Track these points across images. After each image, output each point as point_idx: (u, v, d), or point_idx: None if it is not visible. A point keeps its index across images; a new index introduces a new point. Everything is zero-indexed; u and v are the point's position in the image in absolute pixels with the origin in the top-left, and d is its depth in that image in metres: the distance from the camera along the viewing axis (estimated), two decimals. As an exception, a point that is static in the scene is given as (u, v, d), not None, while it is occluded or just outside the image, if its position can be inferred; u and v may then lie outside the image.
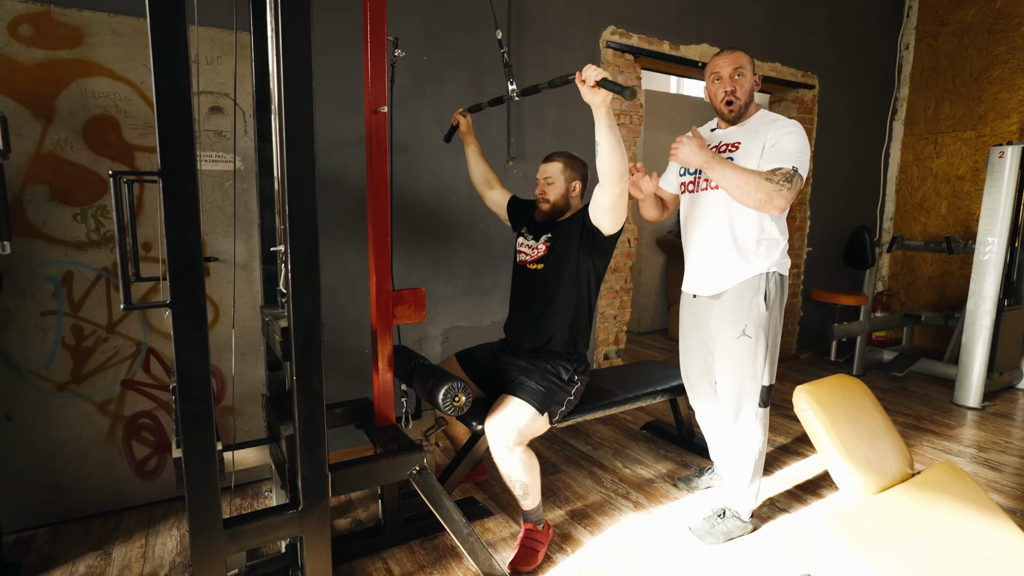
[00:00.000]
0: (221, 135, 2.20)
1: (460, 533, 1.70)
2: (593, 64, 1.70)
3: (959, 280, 4.38)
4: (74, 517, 2.11)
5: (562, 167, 2.06)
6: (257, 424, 2.38)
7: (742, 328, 1.93)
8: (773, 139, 1.85)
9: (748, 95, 1.93)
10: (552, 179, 2.06)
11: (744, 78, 1.91)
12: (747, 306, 1.93)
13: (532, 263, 2.11)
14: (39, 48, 1.91)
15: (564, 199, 2.07)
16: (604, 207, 1.87)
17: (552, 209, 2.07)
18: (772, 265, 1.93)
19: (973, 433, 3.03)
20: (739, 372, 1.95)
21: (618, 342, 3.42)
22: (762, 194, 1.75)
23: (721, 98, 1.94)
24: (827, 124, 4.19)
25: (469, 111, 2.27)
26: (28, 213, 1.95)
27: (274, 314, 1.72)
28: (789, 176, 1.78)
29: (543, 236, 2.10)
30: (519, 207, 2.27)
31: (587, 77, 1.59)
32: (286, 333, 1.41)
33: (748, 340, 1.93)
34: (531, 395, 1.91)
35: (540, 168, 2.11)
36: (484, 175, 2.34)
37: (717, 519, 2.05)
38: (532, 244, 2.13)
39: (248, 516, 1.39)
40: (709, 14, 3.46)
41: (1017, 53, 3.99)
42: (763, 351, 1.94)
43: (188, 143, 1.16)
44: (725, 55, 1.93)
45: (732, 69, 1.91)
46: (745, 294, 1.93)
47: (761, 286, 1.92)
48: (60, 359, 2.04)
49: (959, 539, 1.38)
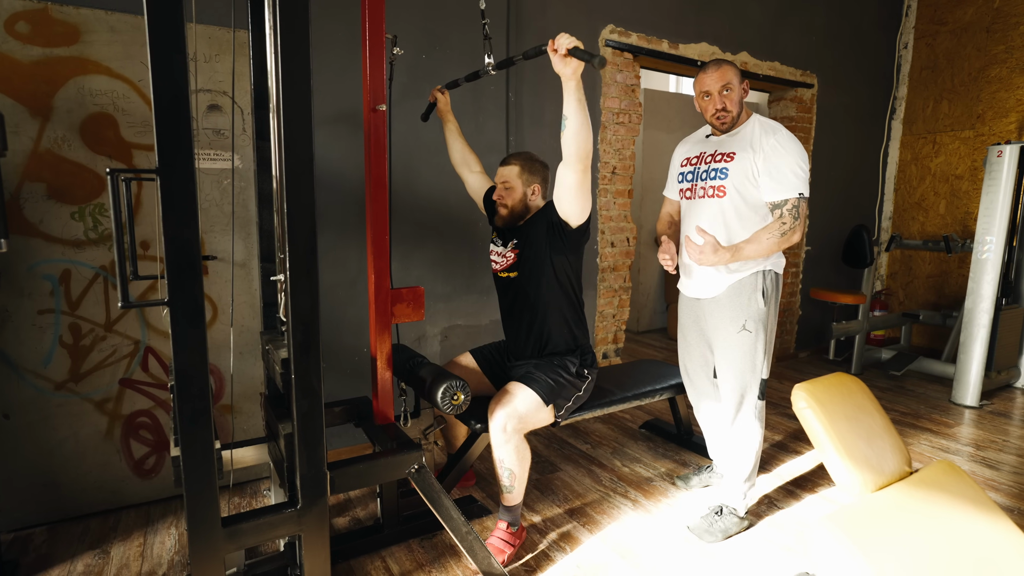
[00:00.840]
0: (219, 133, 2.20)
1: (459, 531, 1.70)
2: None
3: (957, 279, 4.38)
4: (72, 516, 2.10)
5: (519, 170, 2.00)
6: (256, 423, 2.38)
7: (742, 323, 1.96)
8: (769, 157, 1.86)
9: (738, 106, 1.95)
10: (509, 183, 1.99)
11: (733, 92, 1.92)
12: (746, 302, 1.96)
13: (504, 272, 2.07)
14: (36, 46, 1.90)
15: (522, 203, 2.01)
16: (569, 188, 1.79)
17: (510, 215, 2.01)
18: (768, 264, 1.96)
19: (971, 431, 3.03)
20: (740, 366, 1.98)
21: (617, 341, 3.42)
22: (784, 244, 1.86)
23: (712, 114, 1.96)
24: (826, 123, 4.20)
25: (447, 87, 2.21)
26: (25, 211, 1.95)
27: (275, 343, 1.70)
28: (795, 210, 1.84)
29: (510, 242, 2.04)
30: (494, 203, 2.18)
31: (559, 45, 1.54)
32: (287, 364, 1.40)
33: (749, 335, 1.96)
34: (539, 385, 1.91)
35: (497, 172, 2.04)
36: (463, 155, 2.27)
37: (714, 516, 2.05)
38: (501, 251, 2.07)
39: (246, 515, 1.39)
40: (708, 13, 3.46)
41: (1015, 52, 3.99)
42: (762, 345, 1.97)
43: (186, 141, 1.15)
44: (711, 72, 1.93)
45: (720, 86, 1.92)
46: (744, 291, 1.96)
47: (759, 283, 1.95)
48: (58, 358, 2.03)
49: (957, 537, 1.38)
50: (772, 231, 1.84)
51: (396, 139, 2.55)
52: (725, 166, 1.95)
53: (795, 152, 1.86)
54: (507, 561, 1.85)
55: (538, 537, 2.04)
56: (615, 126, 3.18)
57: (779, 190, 1.85)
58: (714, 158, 1.99)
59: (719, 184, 1.95)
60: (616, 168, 3.22)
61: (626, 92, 3.20)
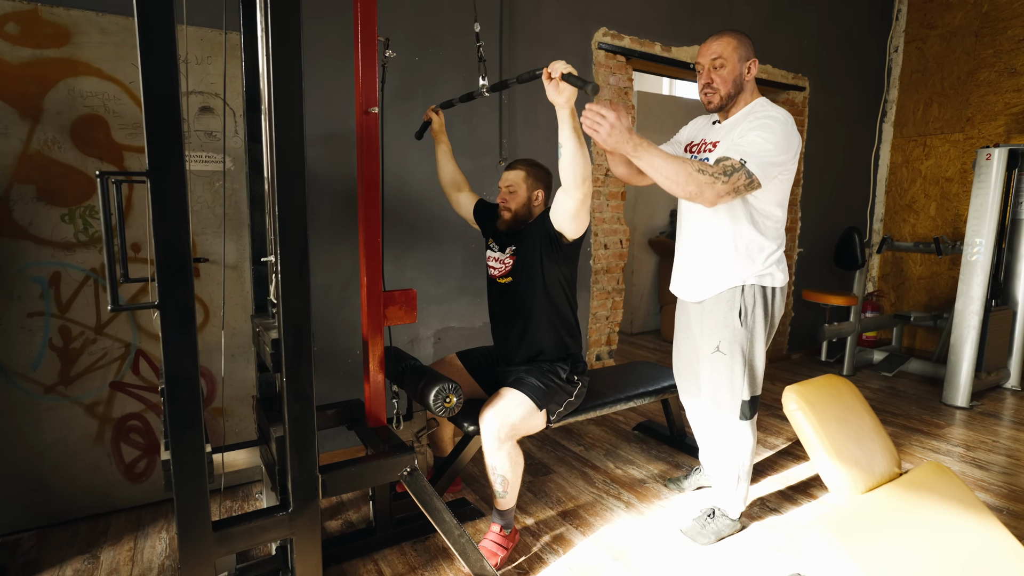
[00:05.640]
0: (211, 135, 2.19)
1: (451, 534, 1.70)
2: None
3: (948, 281, 4.42)
4: (61, 520, 2.09)
5: (524, 175, 2.01)
6: (247, 426, 2.37)
7: (716, 344, 1.88)
8: (743, 130, 1.70)
9: (731, 85, 1.76)
10: (514, 187, 2.00)
11: (725, 68, 1.74)
12: (721, 321, 1.87)
13: (501, 277, 2.07)
14: (26, 47, 1.89)
15: (526, 208, 2.02)
16: (566, 213, 1.81)
17: (514, 218, 2.01)
18: (751, 276, 1.82)
19: (961, 432, 3.05)
20: (715, 387, 1.93)
21: (610, 343, 3.42)
22: (692, 187, 1.59)
23: (700, 89, 1.82)
24: (817, 126, 4.23)
25: (441, 107, 2.21)
26: (15, 213, 1.93)
27: (265, 324, 1.71)
28: (730, 169, 1.60)
29: (508, 248, 2.05)
30: (486, 211, 2.21)
31: (553, 70, 1.54)
32: (277, 344, 1.40)
33: (723, 357, 1.88)
34: (531, 390, 1.91)
35: (502, 176, 2.05)
36: (453, 177, 2.26)
37: (707, 519, 2.06)
38: (499, 257, 2.08)
39: (237, 518, 1.39)
40: (700, 16, 3.48)
41: (1003, 56, 4.03)
42: (740, 367, 1.88)
43: (177, 143, 1.15)
44: (709, 42, 1.78)
45: (710, 60, 1.76)
46: (720, 308, 1.87)
47: (736, 301, 1.84)
48: (48, 361, 2.02)
49: (946, 538, 1.39)
50: (691, 164, 1.61)
51: (389, 141, 2.55)
52: (707, 156, 1.85)
53: (770, 131, 1.66)
54: (500, 564, 1.85)
55: (531, 539, 2.04)
56: (608, 129, 3.18)
57: (728, 149, 1.67)
58: (703, 147, 1.88)
59: None
60: (608, 170, 3.23)
61: (619, 95, 3.21)
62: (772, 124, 1.68)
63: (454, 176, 2.27)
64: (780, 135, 1.67)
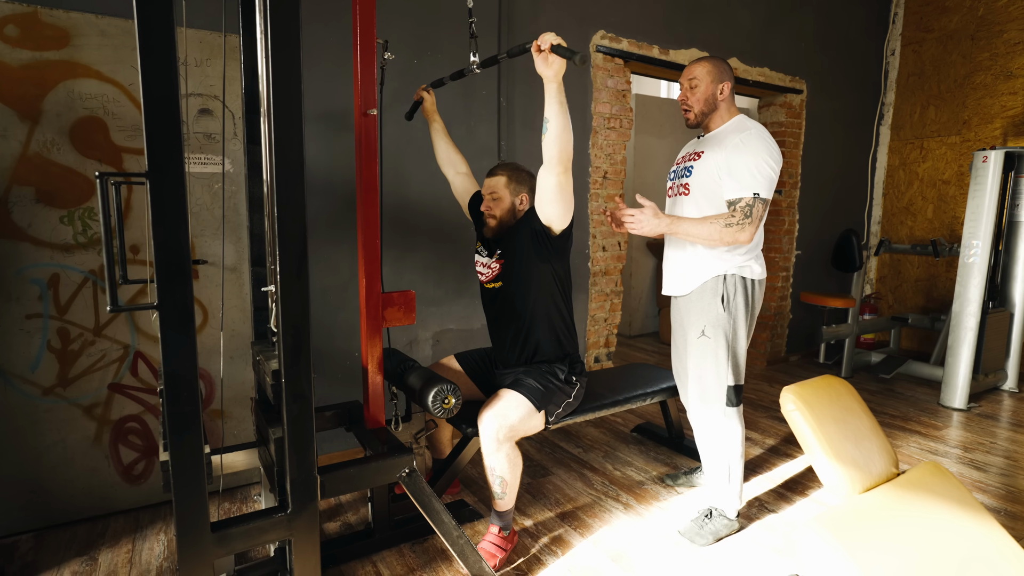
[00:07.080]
0: (210, 137, 2.19)
1: (450, 536, 1.70)
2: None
3: (945, 283, 4.43)
4: (59, 522, 2.08)
5: (506, 180, 1.97)
6: (246, 427, 2.37)
7: (702, 328, 1.99)
8: (731, 154, 1.86)
9: (705, 104, 1.97)
10: (497, 194, 1.97)
11: (699, 88, 1.96)
12: (706, 307, 1.98)
13: (490, 282, 2.05)
14: (25, 49, 1.89)
15: (511, 214, 1.98)
16: (550, 192, 1.76)
17: (499, 225, 1.98)
18: (732, 267, 1.95)
19: (959, 434, 3.06)
20: (701, 371, 2.01)
21: (609, 345, 3.43)
22: (728, 238, 1.83)
23: (680, 107, 2.04)
24: (815, 128, 4.24)
25: (432, 86, 2.19)
26: (13, 215, 1.94)
27: (266, 354, 1.70)
28: (748, 208, 1.81)
29: (495, 252, 2.02)
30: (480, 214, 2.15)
31: (542, 42, 1.54)
32: (277, 375, 1.40)
33: (708, 340, 1.98)
34: (529, 391, 1.91)
35: (484, 183, 2.02)
36: (449, 156, 2.23)
37: (704, 520, 2.06)
38: (486, 262, 2.05)
39: (236, 520, 1.39)
40: (698, 19, 3.49)
41: (999, 60, 4.05)
42: (724, 352, 1.97)
43: (176, 145, 1.15)
44: (689, 66, 2.01)
45: (688, 80, 1.99)
46: (705, 295, 1.99)
47: (719, 288, 1.96)
48: (46, 363, 2.02)
49: (943, 538, 1.39)
50: (718, 220, 1.84)
51: (387, 143, 2.55)
52: (692, 164, 2.01)
53: (758, 151, 1.83)
54: (499, 565, 1.85)
55: (530, 541, 2.04)
56: (606, 131, 3.20)
57: (735, 188, 1.84)
58: (687, 158, 2.06)
59: (685, 182, 2.02)
60: (607, 172, 3.24)
61: (617, 97, 3.22)
62: (758, 146, 1.85)
63: (449, 154, 2.24)
64: (766, 151, 1.85)
